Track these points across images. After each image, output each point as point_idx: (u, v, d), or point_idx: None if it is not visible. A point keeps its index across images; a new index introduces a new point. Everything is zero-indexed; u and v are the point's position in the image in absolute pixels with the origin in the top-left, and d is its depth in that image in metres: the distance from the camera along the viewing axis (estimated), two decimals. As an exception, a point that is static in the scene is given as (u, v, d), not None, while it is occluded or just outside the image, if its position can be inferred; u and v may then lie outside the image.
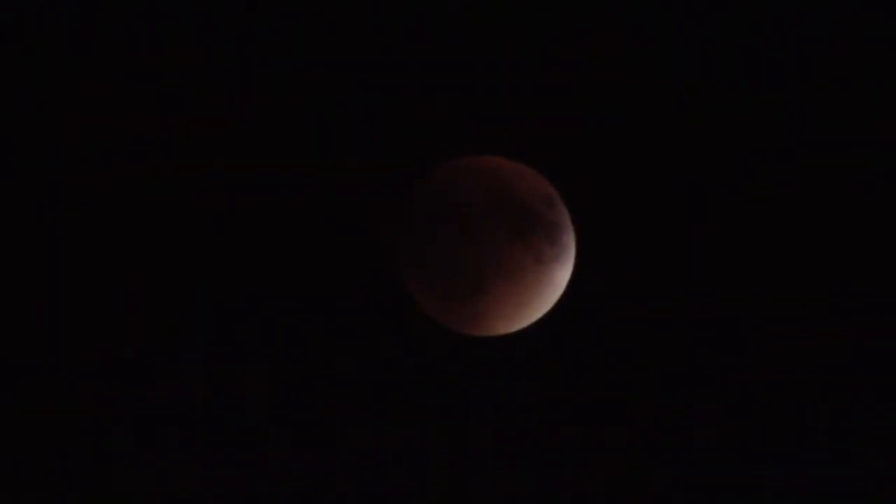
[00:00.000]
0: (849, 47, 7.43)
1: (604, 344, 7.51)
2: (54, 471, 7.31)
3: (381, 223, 7.28)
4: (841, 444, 7.53)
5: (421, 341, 7.35)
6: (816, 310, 7.52)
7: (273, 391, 7.46)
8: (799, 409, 7.54)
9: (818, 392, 7.53)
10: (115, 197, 7.35)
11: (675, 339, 7.54)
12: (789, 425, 7.54)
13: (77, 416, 7.32)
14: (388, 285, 7.20)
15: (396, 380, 7.46)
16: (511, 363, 7.43)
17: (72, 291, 7.33)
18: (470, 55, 7.40)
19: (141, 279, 7.36)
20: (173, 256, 7.37)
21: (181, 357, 7.39)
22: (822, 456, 7.54)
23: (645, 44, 7.44)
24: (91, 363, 7.33)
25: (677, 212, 7.51)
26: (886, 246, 7.51)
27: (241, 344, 7.40)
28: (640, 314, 7.50)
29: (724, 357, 7.55)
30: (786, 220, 7.54)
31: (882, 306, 7.51)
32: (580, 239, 7.09)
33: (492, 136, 7.31)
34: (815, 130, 7.52)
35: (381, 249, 7.26)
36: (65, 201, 7.33)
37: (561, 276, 7.00)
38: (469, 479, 7.51)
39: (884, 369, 7.50)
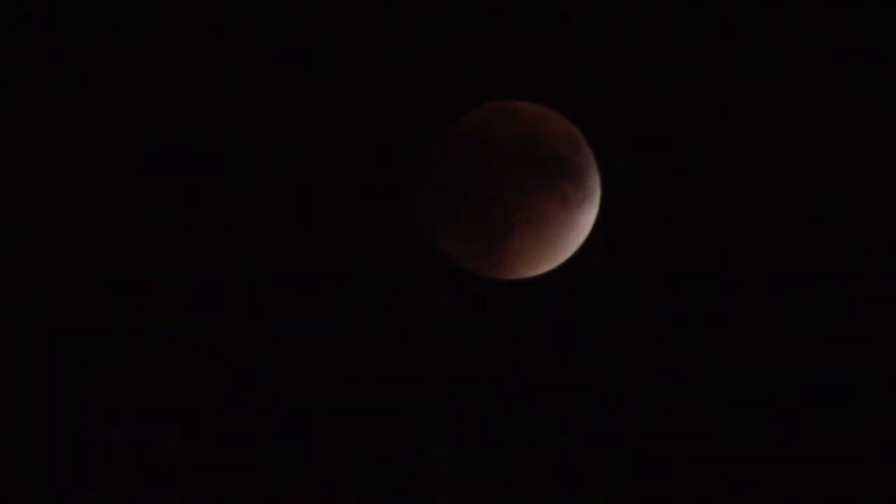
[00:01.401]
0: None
1: (627, 289, 7.52)
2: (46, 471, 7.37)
3: (406, 169, 7.28)
4: (841, 445, 7.55)
5: (446, 285, 7.37)
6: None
7: (303, 343, 7.50)
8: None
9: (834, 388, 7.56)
10: (110, 195, 7.36)
11: (697, 285, 7.54)
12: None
13: (85, 407, 7.38)
14: (413, 232, 7.22)
15: (421, 324, 7.49)
16: (536, 306, 7.45)
17: (93, 284, 7.37)
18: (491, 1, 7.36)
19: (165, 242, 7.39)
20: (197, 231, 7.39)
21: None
22: (822, 455, 7.56)
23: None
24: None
25: (703, 157, 7.49)
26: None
27: (274, 304, 7.44)
28: (663, 259, 7.51)
29: (749, 302, 7.56)
30: (818, 176, 7.53)
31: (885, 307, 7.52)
32: (605, 183, 7.07)
33: (517, 81, 7.28)
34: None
35: (405, 195, 7.27)
36: (69, 198, 7.35)
37: (585, 220, 6.99)
38: (491, 424, 7.56)
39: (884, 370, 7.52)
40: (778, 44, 7.45)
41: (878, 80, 7.43)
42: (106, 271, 7.36)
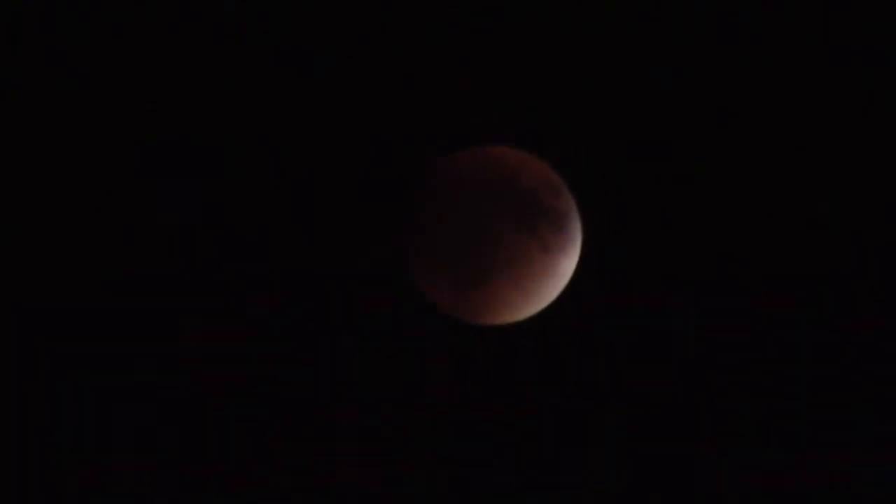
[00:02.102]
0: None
1: (608, 334, 7.51)
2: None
3: (388, 214, 7.29)
4: (842, 443, 7.54)
5: (427, 330, 7.36)
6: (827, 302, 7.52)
7: (280, 386, 7.47)
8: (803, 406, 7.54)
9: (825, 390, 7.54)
10: (110, 195, 7.37)
11: (678, 330, 7.54)
12: (793, 422, 7.55)
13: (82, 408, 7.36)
14: (395, 275, 7.21)
15: (402, 369, 7.47)
16: (516, 352, 7.44)
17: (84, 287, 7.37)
18: (474, 46, 7.39)
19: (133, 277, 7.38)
20: (168, 255, 7.39)
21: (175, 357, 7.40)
22: (823, 457, 7.54)
23: (649, 33, 7.42)
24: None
25: (683, 202, 7.50)
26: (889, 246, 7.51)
27: (246, 341, 7.42)
28: (644, 304, 7.50)
29: (729, 348, 7.55)
30: (793, 214, 7.54)
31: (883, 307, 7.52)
32: (586, 228, 7.08)
33: (498, 126, 7.31)
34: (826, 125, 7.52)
35: (387, 240, 7.27)
36: (66, 198, 7.37)
37: (566, 265, 7.00)
38: (473, 467, 7.52)
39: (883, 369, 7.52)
40: (758, 88, 7.49)
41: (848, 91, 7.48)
42: (101, 271, 7.34)
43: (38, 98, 7.27)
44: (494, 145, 7.14)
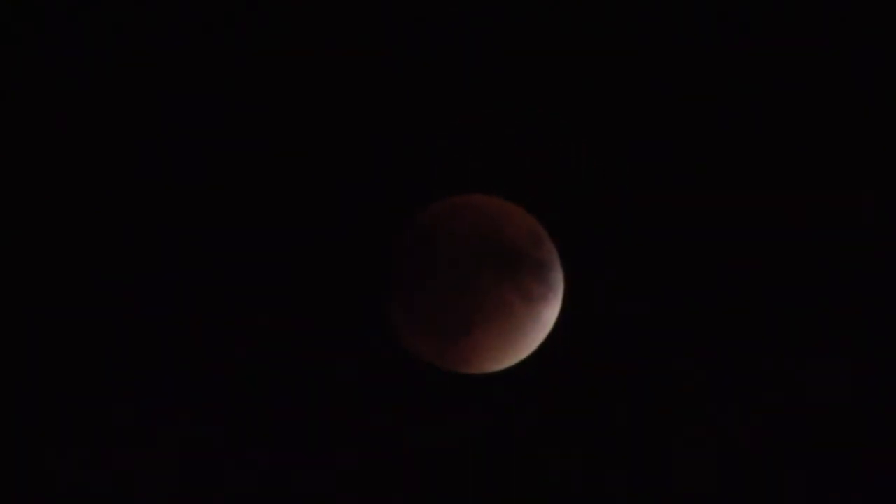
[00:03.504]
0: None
1: (591, 383, 7.51)
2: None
3: (367, 264, 7.28)
4: (842, 443, 7.53)
5: (408, 380, 7.35)
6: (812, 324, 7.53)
7: (259, 431, 7.45)
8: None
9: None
10: (105, 202, 7.36)
11: (663, 378, 7.53)
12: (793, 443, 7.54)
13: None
14: (375, 324, 7.21)
15: (382, 419, 7.45)
16: (499, 402, 7.42)
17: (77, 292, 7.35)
18: (452, 95, 7.42)
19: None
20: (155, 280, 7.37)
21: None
22: (824, 455, 7.53)
23: (629, 76, 7.47)
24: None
25: (666, 250, 7.52)
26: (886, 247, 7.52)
27: (225, 385, 7.40)
28: (628, 353, 7.50)
29: (716, 397, 7.55)
30: (775, 249, 7.56)
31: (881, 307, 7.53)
32: (568, 277, 7.09)
33: (478, 176, 7.33)
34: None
35: (367, 290, 7.27)
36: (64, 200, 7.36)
37: (548, 314, 7.00)
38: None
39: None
40: (733, 123, 7.53)
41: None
42: (96, 271, 7.32)
43: (37, 98, 7.28)
44: (474, 194, 7.16)
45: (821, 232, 7.51)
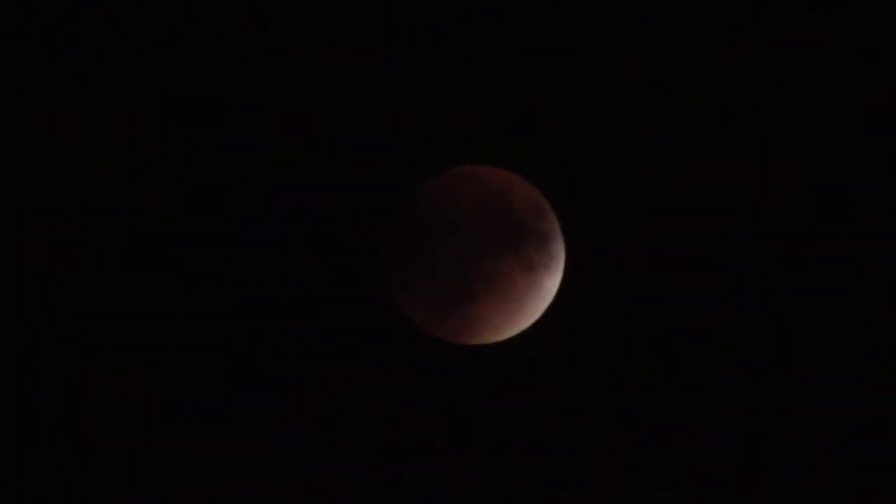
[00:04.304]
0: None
1: (592, 352, 7.52)
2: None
3: (371, 235, 7.29)
4: (843, 443, 7.55)
5: (410, 351, 7.36)
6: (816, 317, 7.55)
7: (265, 401, 7.46)
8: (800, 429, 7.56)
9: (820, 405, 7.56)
10: (105, 201, 7.35)
11: (664, 347, 7.55)
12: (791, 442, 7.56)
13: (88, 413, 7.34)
14: (379, 296, 7.21)
15: (386, 390, 7.46)
16: (501, 372, 7.44)
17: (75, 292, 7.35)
18: (459, 66, 7.42)
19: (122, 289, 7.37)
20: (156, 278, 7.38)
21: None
22: (824, 455, 7.56)
23: (634, 50, 7.46)
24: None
25: (668, 220, 7.53)
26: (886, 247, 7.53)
27: (232, 358, 7.41)
28: (628, 322, 7.52)
29: (716, 364, 7.57)
30: (780, 229, 7.57)
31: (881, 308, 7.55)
32: (569, 247, 7.10)
33: (481, 146, 7.33)
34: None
35: (371, 261, 7.27)
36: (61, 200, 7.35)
37: (550, 284, 7.01)
38: (456, 486, 7.51)
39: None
40: (740, 102, 7.53)
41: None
42: (96, 271, 7.32)
43: (37, 98, 7.27)
44: (477, 165, 7.16)
45: (821, 232, 7.52)
